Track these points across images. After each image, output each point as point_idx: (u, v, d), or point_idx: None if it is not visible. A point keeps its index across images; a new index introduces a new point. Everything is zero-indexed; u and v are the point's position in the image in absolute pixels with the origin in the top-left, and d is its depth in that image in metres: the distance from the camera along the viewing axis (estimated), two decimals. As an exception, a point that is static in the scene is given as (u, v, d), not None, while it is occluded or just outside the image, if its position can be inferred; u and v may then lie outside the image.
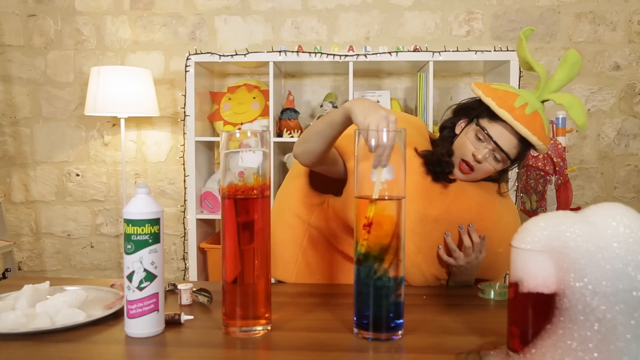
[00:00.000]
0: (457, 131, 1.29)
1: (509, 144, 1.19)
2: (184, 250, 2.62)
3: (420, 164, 1.24)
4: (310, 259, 1.33)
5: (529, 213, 2.42)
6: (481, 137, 1.20)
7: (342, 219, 1.27)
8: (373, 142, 0.90)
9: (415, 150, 1.25)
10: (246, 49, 2.74)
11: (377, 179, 0.88)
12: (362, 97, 1.08)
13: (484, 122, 1.21)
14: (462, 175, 1.25)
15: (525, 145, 1.21)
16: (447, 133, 1.31)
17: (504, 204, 1.32)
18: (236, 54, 2.46)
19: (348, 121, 1.06)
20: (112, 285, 1.16)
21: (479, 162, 1.21)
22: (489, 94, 1.20)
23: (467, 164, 1.22)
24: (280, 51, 2.44)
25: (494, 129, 1.19)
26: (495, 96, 1.19)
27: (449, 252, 1.21)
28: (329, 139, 1.13)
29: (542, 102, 1.21)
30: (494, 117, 1.19)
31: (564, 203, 2.33)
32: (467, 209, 1.24)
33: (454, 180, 1.26)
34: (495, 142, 1.19)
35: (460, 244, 1.21)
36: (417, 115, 2.50)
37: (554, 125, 2.47)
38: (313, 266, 1.33)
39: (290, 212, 1.36)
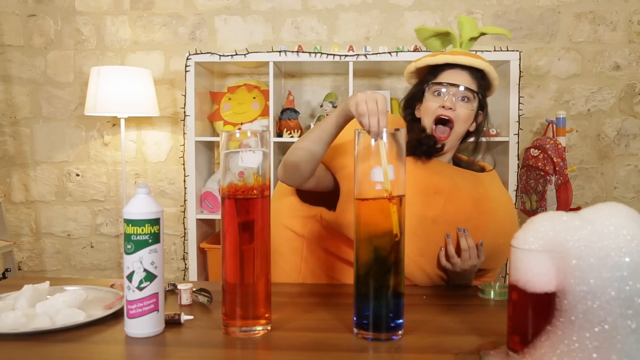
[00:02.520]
0: (416, 112, 1.32)
1: (463, 79, 1.24)
2: (184, 250, 2.62)
3: (411, 166, 1.23)
4: (313, 267, 1.33)
5: (529, 213, 2.42)
6: (438, 90, 1.25)
7: (337, 231, 1.27)
8: (365, 119, 0.96)
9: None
10: (246, 49, 2.74)
11: (382, 154, 0.88)
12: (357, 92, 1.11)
13: (433, 82, 1.26)
14: (444, 139, 1.25)
15: (476, 76, 1.26)
16: (410, 117, 1.34)
17: (497, 192, 1.31)
18: (236, 54, 2.46)
19: (343, 120, 1.09)
20: (112, 285, 1.16)
21: (451, 109, 1.23)
22: (419, 60, 1.29)
23: (442, 120, 1.24)
24: (280, 51, 2.44)
25: (443, 77, 1.25)
26: (423, 59, 1.28)
27: (448, 257, 1.21)
28: (325, 143, 1.14)
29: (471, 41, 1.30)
30: (436, 73, 1.26)
31: (564, 203, 2.33)
32: (463, 205, 1.23)
33: (442, 149, 1.26)
34: (451, 84, 1.23)
35: (458, 247, 1.21)
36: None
37: (554, 125, 2.48)
38: (317, 272, 1.32)
39: (284, 228, 1.35)
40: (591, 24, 2.71)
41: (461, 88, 1.23)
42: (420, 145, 1.23)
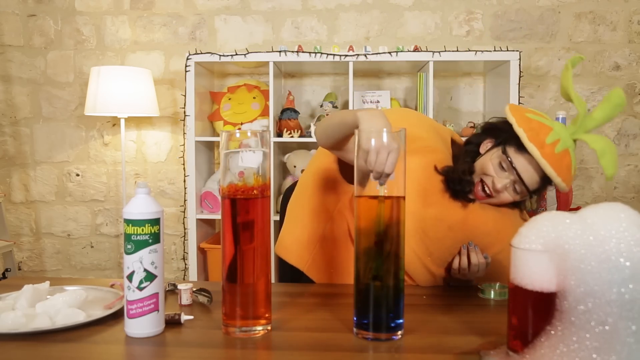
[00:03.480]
0: (481, 150, 1.26)
1: (531, 179, 1.16)
2: (184, 250, 2.62)
3: (443, 167, 1.24)
4: (327, 250, 1.31)
5: (529, 213, 2.42)
6: (505, 166, 1.17)
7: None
8: (373, 168, 0.90)
9: (435, 168, 1.23)
10: (246, 49, 2.74)
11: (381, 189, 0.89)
12: (373, 111, 1.03)
13: (511, 151, 1.17)
14: (478, 199, 1.23)
15: (547, 181, 1.17)
16: (471, 148, 1.27)
17: (522, 225, 1.30)
18: (236, 54, 2.46)
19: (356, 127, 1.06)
20: (112, 285, 1.16)
21: (497, 191, 1.19)
22: (522, 124, 1.14)
23: (485, 189, 1.20)
24: (280, 51, 2.44)
25: (519, 161, 1.16)
26: (528, 127, 1.13)
27: (460, 268, 1.21)
28: (339, 137, 1.14)
29: (574, 140, 1.16)
30: (521, 147, 1.15)
31: (564, 203, 2.33)
32: (484, 221, 1.24)
33: (472, 200, 1.24)
34: (518, 175, 1.16)
35: (468, 260, 1.21)
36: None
37: (554, 125, 2.47)
38: (329, 258, 1.31)
39: (316, 198, 1.32)
40: (591, 24, 2.71)
41: (523, 182, 1.17)
42: (457, 183, 1.21)
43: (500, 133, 1.21)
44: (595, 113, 1.13)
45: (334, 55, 2.42)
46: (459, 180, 1.20)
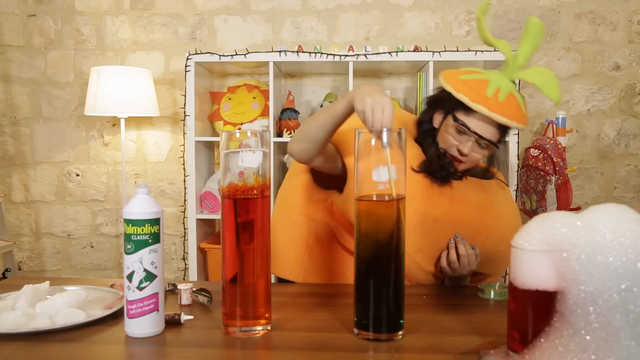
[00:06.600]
0: (435, 125, 1.27)
1: (490, 132, 1.19)
2: (184, 250, 2.62)
3: (419, 164, 1.24)
4: (317, 257, 1.33)
5: (529, 213, 2.42)
6: (462, 130, 1.20)
7: (345, 217, 1.27)
8: (369, 124, 0.95)
9: (412, 168, 1.24)
10: (246, 49, 2.74)
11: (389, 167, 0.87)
12: (365, 84, 1.07)
13: (461, 116, 1.19)
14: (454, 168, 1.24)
15: (505, 128, 1.21)
16: (426, 127, 1.29)
17: (503, 201, 1.32)
18: (236, 54, 2.46)
19: (350, 110, 1.07)
20: (112, 285, 1.16)
21: (465, 155, 1.21)
22: (460, 89, 1.17)
23: (454, 157, 1.22)
24: (280, 51, 2.44)
25: (472, 122, 1.18)
26: (466, 90, 1.16)
27: (449, 261, 1.21)
28: (330, 130, 1.13)
29: (513, 81, 1.19)
30: (469, 109, 1.17)
31: (564, 203, 2.33)
32: (466, 208, 1.24)
33: (460, 177, 1.25)
34: (476, 134, 1.18)
35: (457, 253, 1.21)
36: (417, 116, 2.49)
37: (554, 125, 2.47)
38: (320, 264, 1.32)
39: (296, 209, 1.35)
40: (591, 24, 2.71)
41: (484, 138, 1.19)
42: (441, 169, 1.22)
43: (445, 102, 1.23)
44: (521, 48, 1.17)
45: (334, 55, 2.42)
46: (440, 166, 1.22)
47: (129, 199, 1.22)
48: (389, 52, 2.41)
